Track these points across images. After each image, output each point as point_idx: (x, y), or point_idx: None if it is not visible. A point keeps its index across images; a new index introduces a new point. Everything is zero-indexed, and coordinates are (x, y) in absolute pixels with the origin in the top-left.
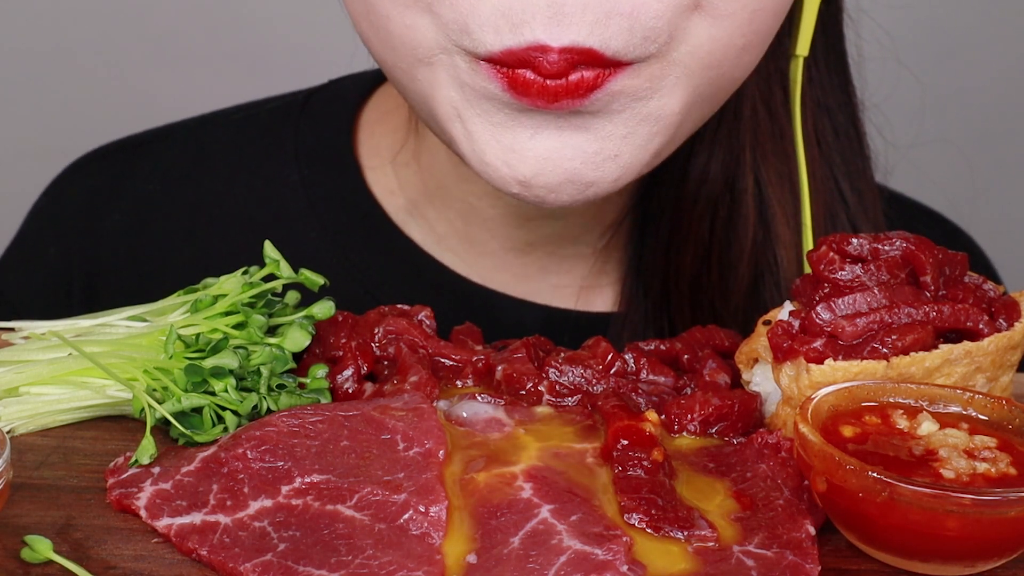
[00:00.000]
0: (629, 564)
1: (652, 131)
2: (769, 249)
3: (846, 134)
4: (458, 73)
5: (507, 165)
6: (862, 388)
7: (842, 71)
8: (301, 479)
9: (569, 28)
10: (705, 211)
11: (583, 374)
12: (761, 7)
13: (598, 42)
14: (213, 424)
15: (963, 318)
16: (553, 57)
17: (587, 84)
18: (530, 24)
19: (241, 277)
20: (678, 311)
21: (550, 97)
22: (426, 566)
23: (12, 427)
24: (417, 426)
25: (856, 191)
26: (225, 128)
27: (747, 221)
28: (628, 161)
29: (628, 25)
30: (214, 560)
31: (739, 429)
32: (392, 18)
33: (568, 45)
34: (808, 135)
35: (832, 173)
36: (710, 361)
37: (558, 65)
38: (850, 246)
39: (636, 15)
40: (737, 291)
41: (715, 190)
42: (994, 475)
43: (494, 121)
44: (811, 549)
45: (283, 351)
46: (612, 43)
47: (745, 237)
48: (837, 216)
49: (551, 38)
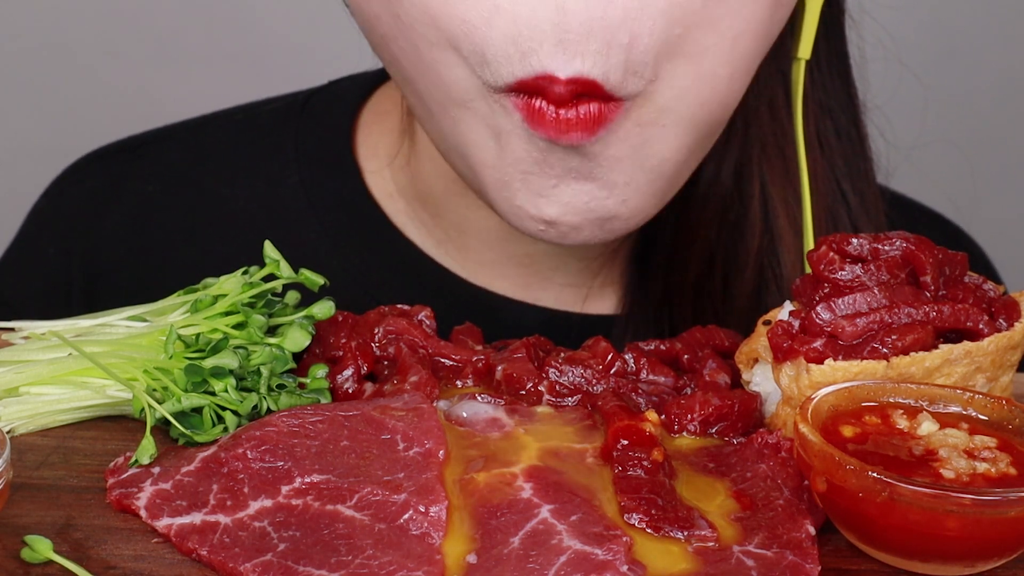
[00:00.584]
0: (629, 564)
1: (650, 178)
2: (772, 252)
3: (848, 135)
4: (495, 119)
5: (535, 207)
6: (862, 388)
7: (844, 72)
8: (301, 479)
9: (574, 58)
10: (714, 215)
11: (583, 374)
12: (743, 31)
13: (600, 74)
14: (213, 424)
15: (963, 318)
16: (560, 88)
17: (593, 117)
18: (537, 52)
19: (241, 277)
20: (680, 314)
21: (562, 128)
22: (426, 566)
23: (12, 427)
24: (417, 426)
25: (858, 192)
26: (225, 129)
27: (753, 225)
28: (636, 206)
29: (624, 58)
30: (214, 560)
31: (739, 429)
32: (423, 61)
33: (573, 76)
34: (810, 136)
35: (834, 174)
36: (710, 361)
37: (565, 94)
38: (850, 246)
39: (631, 47)
40: (741, 294)
41: (724, 195)
42: (994, 475)
43: (522, 169)
44: (811, 549)
45: (283, 351)
46: (611, 76)
47: (752, 240)
48: (839, 217)
49: (557, 68)
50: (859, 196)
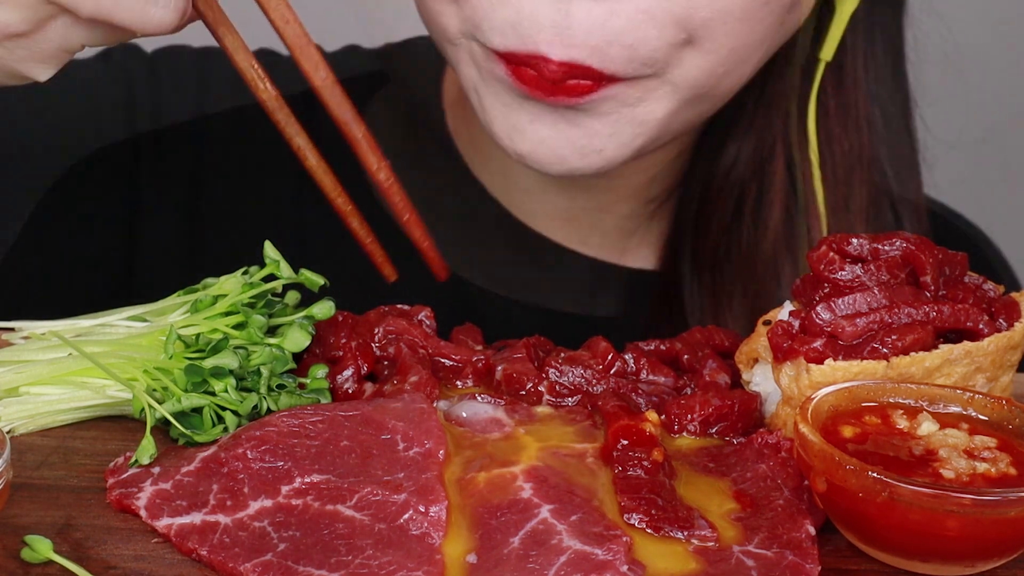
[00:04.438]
0: (629, 564)
1: (636, 132)
2: (798, 228)
3: (897, 125)
4: (474, 56)
5: (510, 139)
6: (862, 388)
7: (898, 65)
8: (301, 479)
9: (571, 49)
10: (732, 191)
11: (583, 374)
12: (740, 44)
13: (597, 63)
14: (213, 424)
15: (963, 318)
16: (553, 67)
17: (583, 88)
18: (535, 39)
19: (241, 277)
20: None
21: (548, 91)
22: (426, 566)
23: (12, 427)
24: (417, 426)
25: (901, 179)
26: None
27: (772, 204)
28: (610, 156)
29: (628, 55)
30: (214, 560)
31: (739, 429)
32: (427, 4)
33: (567, 60)
34: (859, 122)
35: (880, 159)
36: (710, 361)
37: (557, 73)
38: (850, 246)
39: (636, 47)
40: (762, 265)
41: (744, 175)
42: (994, 475)
43: (503, 101)
44: (811, 549)
45: (283, 351)
46: (611, 66)
47: (771, 216)
48: (880, 201)
49: (553, 53)
50: (900, 181)
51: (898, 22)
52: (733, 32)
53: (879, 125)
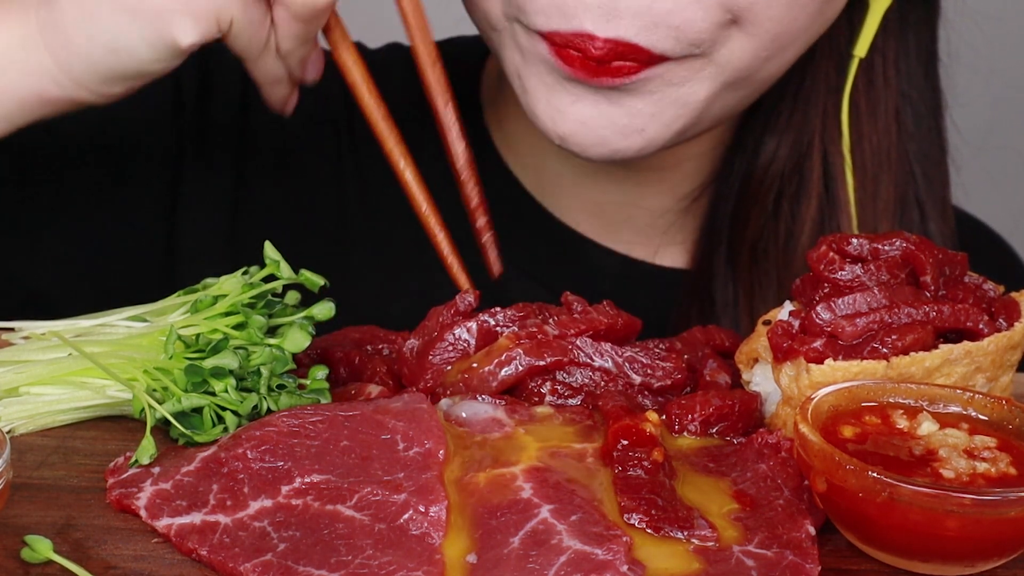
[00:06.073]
0: (629, 564)
1: (678, 113)
2: (832, 222)
3: (925, 124)
4: (517, 39)
5: (552, 121)
6: (862, 388)
7: (930, 65)
8: (301, 479)
9: (618, 27)
10: (772, 185)
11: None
12: (783, 30)
13: (644, 41)
14: (213, 424)
15: (963, 318)
16: (599, 44)
17: (627, 70)
18: (580, 17)
19: (241, 278)
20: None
21: (592, 71)
22: (426, 566)
23: (12, 427)
24: (417, 426)
25: (928, 177)
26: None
27: (810, 197)
28: (652, 136)
29: (675, 35)
30: (214, 560)
31: (739, 429)
32: None
33: (614, 38)
34: (888, 121)
35: (908, 157)
36: (710, 361)
37: (603, 51)
38: (850, 246)
39: (683, 28)
40: (798, 260)
41: (784, 168)
42: (994, 475)
43: (545, 82)
44: (811, 549)
45: (283, 351)
46: (658, 45)
47: (807, 210)
48: (907, 198)
49: (599, 30)
50: (927, 180)
51: (932, 22)
52: (776, 17)
53: (909, 124)
